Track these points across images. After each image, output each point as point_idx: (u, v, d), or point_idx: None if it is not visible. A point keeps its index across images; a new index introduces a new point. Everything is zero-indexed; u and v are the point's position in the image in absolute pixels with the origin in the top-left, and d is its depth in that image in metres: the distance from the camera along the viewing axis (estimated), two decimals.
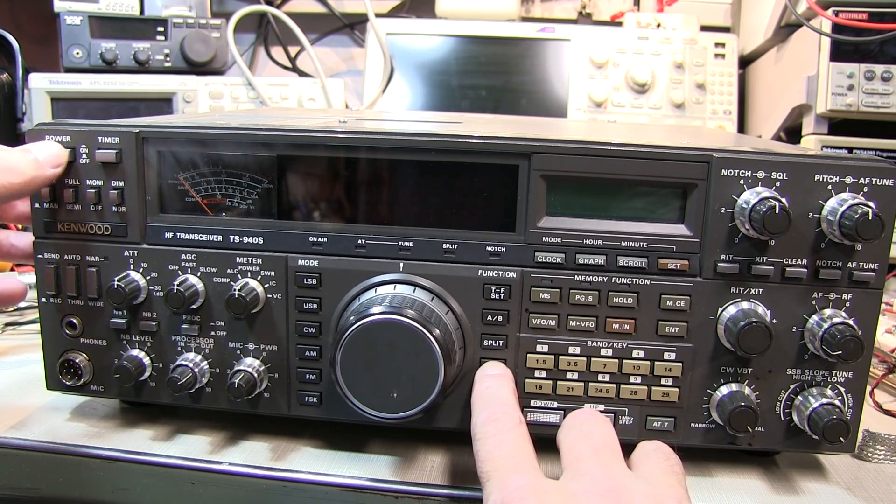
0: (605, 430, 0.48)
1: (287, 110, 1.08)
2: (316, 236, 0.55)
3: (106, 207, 0.56)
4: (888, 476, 0.56)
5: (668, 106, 1.31)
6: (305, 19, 1.50)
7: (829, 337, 0.51)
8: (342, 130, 0.55)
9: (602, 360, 0.54)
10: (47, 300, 0.58)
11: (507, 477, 0.43)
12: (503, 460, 0.44)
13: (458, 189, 0.54)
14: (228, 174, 0.56)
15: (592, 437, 0.47)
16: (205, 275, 0.56)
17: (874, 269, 0.52)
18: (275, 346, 0.57)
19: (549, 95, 1.34)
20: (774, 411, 0.54)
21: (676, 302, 0.53)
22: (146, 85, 1.27)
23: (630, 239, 0.53)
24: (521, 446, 0.45)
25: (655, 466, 0.46)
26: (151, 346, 0.58)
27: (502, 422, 0.47)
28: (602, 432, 0.47)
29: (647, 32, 1.33)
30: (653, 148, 0.53)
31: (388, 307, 0.50)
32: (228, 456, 0.56)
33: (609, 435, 0.47)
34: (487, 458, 0.45)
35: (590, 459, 0.45)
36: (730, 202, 0.52)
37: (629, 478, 0.44)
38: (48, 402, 0.63)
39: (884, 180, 0.51)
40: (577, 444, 0.47)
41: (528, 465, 0.44)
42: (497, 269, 0.54)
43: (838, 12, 0.98)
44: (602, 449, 0.46)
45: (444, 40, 1.37)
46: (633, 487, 0.43)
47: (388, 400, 0.51)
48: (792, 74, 1.13)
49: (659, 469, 0.45)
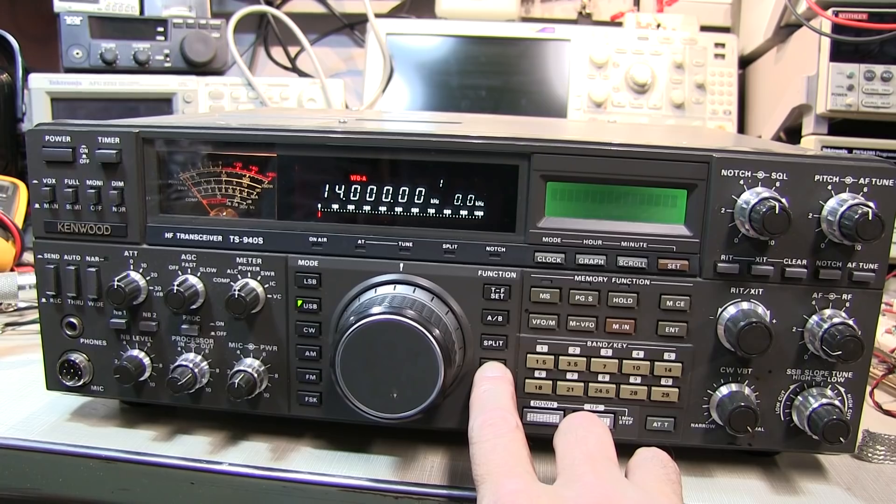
0: (601, 436, 0.48)
1: (287, 110, 1.08)
2: (316, 236, 0.55)
3: (106, 207, 0.56)
4: (888, 476, 0.56)
5: (668, 106, 1.31)
6: (305, 19, 1.50)
7: (829, 337, 0.51)
8: (342, 130, 0.55)
9: (602, 360, 0.54)
10: (47, 300, 0.58)
11: (500, 481, 0.43)
12: (497, 464, 0.44)
13: (458, 189, 0.54)
14: (228, 174, 0.56)
15: (587, 443, 0.47)
16: (205, 275, 0.56)
17: (874, 270, 0.52)
18: (275, 346, 0.57)
19: (549, 96, 1.34)
20: (774, 411, 0.54)
21: (676, 302, 0.53)
22: (146, 85, 1.27)
23: (630, 239, 0.53)
24: (516, 451, 0.45)
25: (651, 474, 0.45)
26: (151, 346, 0.58)
27: (498, 426, 0.47)
28: (597, 438, 0.47)
29: (646, 33, 1.33)
30: (653, 148, 0.53)
31: (388, 307, 0.50)
32: (228, 456, 0.56)
33: (604, 440, 0.47)
34: (482, 462, 0.45)
35: (583, 465, 0.45)
36: (730, 202, 0.52)
37: (622, 485, 0.44)
38: (48, 402, 0.63)
39: (884, 180, 0.51)
40: (572, 450, 0.47)
41: (521, 470, 0.44)
42: (497, 269, 0.54)
43: (838, 12, 0.98)
44: (596, 455, 0.46)
45: (443, 40, 1.37)
46: (626, 495, 0.42)
47: (387, 400, 0.51)
48: (792, 74, 1.13)
49: (654, 477, 0.45)
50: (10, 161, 1.25)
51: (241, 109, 1.29)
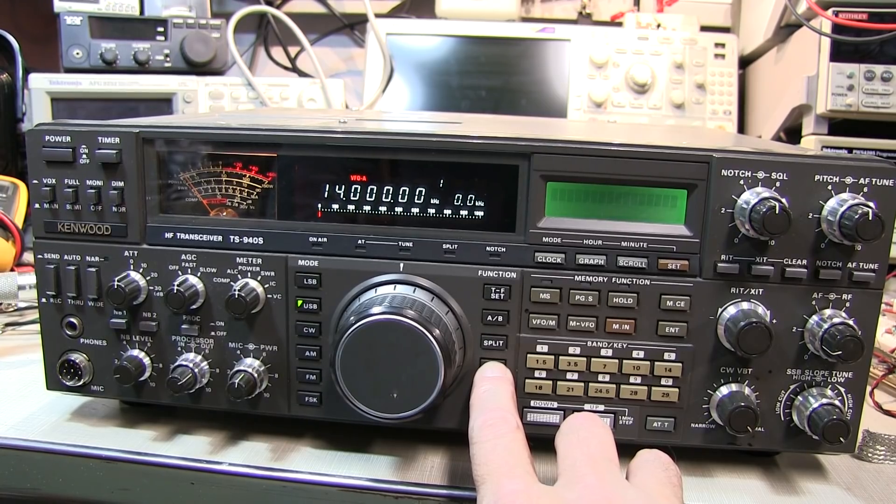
0: (602, 437, 0.48)
1: (287, 110, 1.08)
2: (316, 236, 0.55)
3: (106, 207, 0.56)
4: (888, 476, 0.56)
5: (667, 106, 1.31)
6: (305, 19, 1.50)
7: (829, 337, 0.51)
8: (342, 130, 0.55)
9: (602, 360, 0.54)
10: (47, 300, 0.58)
11: (500, 481, 0.43)
12: (498, 465, 0.44)
13: (459, 189, 0.54)
14: (228, 174, 0.56)
15: (588, 444, 0.47)
16: (205, 275, 0.56)
17: (874, 270, 0.52)
18: (275, 346, 0.57)
19: (549, 96, 1.34)
20: (774, 411, 0.54)
21: (676, 302, 0.53)
22: (146, 85, 1.27)
23: (630, 239, 0.53)
24: (517, 451, 0.45)
25: (652, 477, 0.45)
26: (151, 346, 0.58)
27: (499, 426, 0.47)
28: (598, 439, 0.47)
29: (646, 33, 1.33)
30: (653, 148, 0.53)
31: (389, 307, 0.50)
32: (228, 456, 0.56)
33: (606, 442, 0.47)
34: (482, 462, 0.45)
35: (585, 467, 0.45)
36: (730, 202, 0.52)
37: (623, 487, 0.44)
38: (48, 402, 0.63)
39: (884, 180, 0.51)
40: (573, 451, 0.47)
41: (522, 471, 0.44)
42: (497, 269, 0.54)
43: (838, 12, 0.98)
44: (597, 456, 0.46)
45: (443, 40, 1.37)
46: (627, 497, 0.42)
47: (388, 400, 0.51)
48: (792, 74, 1.13)
49: (656, 480, 0.45)
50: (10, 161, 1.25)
51: (241, 109, 1.29)
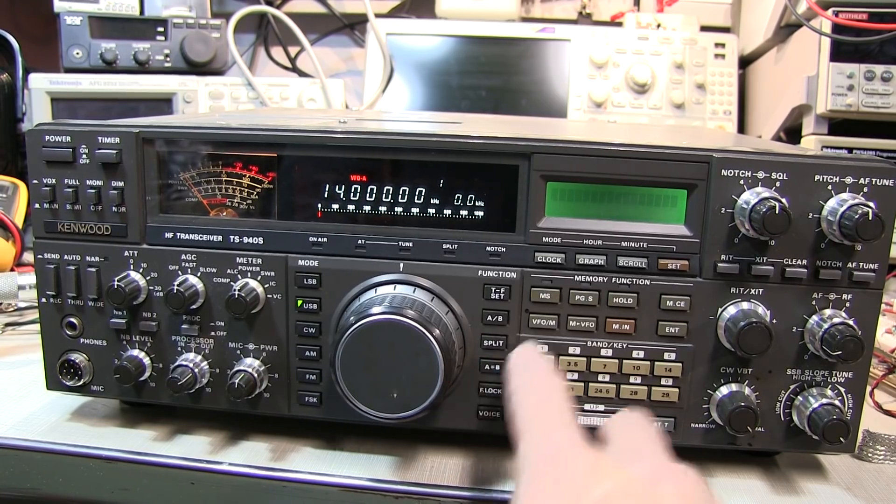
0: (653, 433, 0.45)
1: (287, 110, 1.08)
2: (316, 236, 0.55)
3: (106, 207, 0.56)
4: (888, 476, 0.56)
5: (668, 106, 1.31)
6: (305, 19, 1.50)
7: (829, 337, 0.51)
8: (342, 130, 0.55)
9: (602, 360, 0.54)
10: (47, 300, 0.58)
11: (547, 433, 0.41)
12: (543, 416, 0.42)
13: (459, 189, 0.54)
14: (228, 174, 0.56)
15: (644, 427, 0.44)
16: (205, 275, 0.56)
17: (874, 270, 0.52)
18: (275, 346, 0.57)
19: (549, 96, 1.34)
20: (774, 411, 0.54)
21: (676, 302, 0.53)
22: (146, 85, 1.27)
23: (630, 239, 0.53)
24: (562, 404, 0.43)
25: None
26: (151, 346, 0.58)
27: (542, 379, 0.45)
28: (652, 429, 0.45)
29: (647, 33, 1.33)
30: (653, 148, 0.53)
31: (389, 307, 0.50)
32: (228, 456, 0.56)
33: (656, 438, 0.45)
34: (524, 414, 0.43)
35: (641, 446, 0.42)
36: (730, 202, 0.52)
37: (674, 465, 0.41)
38: (48, 402, 0.63)
39: (884, 180, 0.51)
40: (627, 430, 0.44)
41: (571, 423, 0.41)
42: (497, 269, 0.54)
43: (838, 12, 0.98)
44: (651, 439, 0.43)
45: (444, 40, 1.37)
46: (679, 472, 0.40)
47: (388, 400, 0.51)
48: (792, 74, 1.13)
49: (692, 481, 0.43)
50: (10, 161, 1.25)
51: (241, 109, 1.29)
